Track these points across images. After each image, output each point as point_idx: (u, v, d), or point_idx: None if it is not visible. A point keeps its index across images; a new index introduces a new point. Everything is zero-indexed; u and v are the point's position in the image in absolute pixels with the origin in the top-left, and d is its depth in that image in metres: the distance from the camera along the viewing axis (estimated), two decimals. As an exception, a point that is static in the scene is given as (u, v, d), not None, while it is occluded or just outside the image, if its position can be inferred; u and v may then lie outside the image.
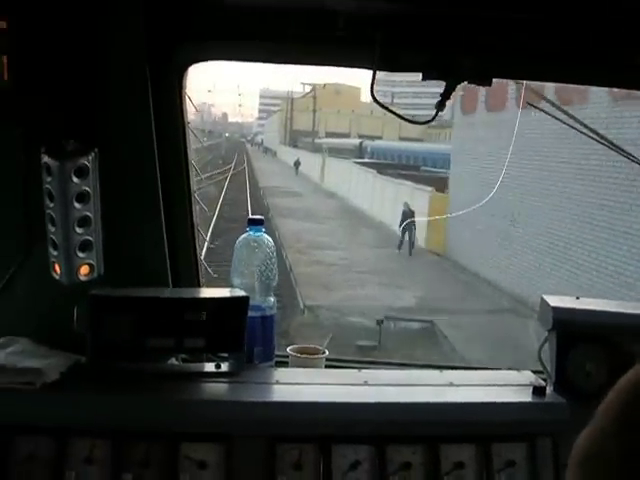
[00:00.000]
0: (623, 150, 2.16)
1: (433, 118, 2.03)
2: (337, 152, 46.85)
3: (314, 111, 58.14)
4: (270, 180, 39.12)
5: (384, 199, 25.20)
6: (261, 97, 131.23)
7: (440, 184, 22.51)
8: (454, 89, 1.95)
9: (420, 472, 1.96)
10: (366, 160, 40.18)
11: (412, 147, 44.90)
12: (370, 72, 1.96)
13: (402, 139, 51.33)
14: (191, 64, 2.11)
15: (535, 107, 2.12)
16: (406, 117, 2.13)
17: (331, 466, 1.91)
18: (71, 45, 1.93)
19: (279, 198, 29.65)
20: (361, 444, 1.95)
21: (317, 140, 55.84)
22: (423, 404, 2.01)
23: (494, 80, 2.01)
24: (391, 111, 2.11)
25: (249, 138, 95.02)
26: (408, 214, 19.11)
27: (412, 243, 19.41)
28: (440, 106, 1.97)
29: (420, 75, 1.97)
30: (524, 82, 2.19)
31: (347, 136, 55.83)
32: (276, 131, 75.19)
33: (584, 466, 0.88)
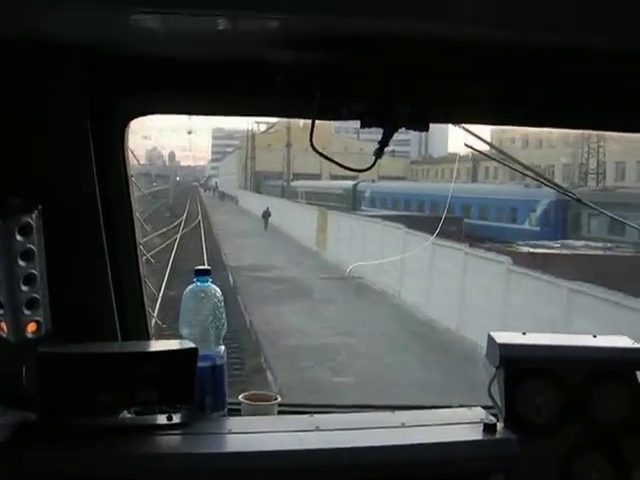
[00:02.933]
0: (558, 185, 2.22)
1: (373, 164, 2.07)
2: (318, 198, 39.00)
3: (288, 146, 49.98)
4: (240, 249, 27.18)
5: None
6: (214, 137, 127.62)
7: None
8: (392, 135, 1.99)
9: None
10: (384, 212, 30.36)
11: (438, 191, 31.15)
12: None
13: (382, 178, 43.13)
14: (132, 118, 2.13)
15: (473, 149, 2.18)
16: (344, 164, 2.16)
17: None
18: (11, 101, 1.94)
19: (270, 305, 18.30)
20: None
21: (293, 183, 48.54)
22: (377, 448, 2.02)
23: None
24: (328, 158, 2.14)
25: (202, 182, 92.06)
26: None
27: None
28: (379, 153, 2.01)
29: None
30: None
31: (318, 177, 48.57)
32: (234, 173, 69.30)
33: None
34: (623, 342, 2.34)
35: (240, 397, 2.26)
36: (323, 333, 15.83)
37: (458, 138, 2.21)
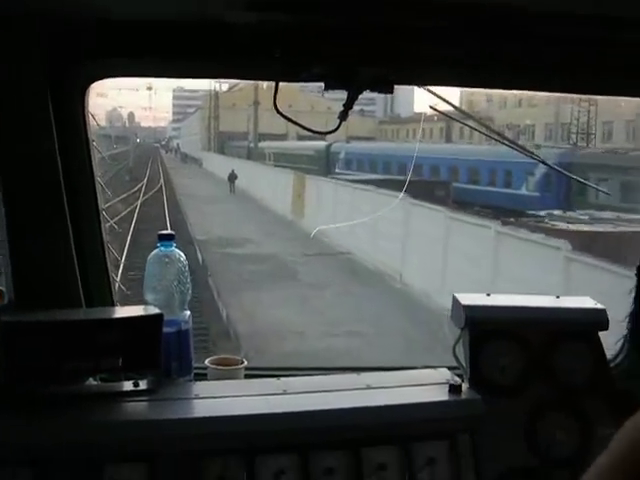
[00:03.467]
0: (524, 148, 2.22)
1: (338, 127, 2.06)
2: (287, 160, 36.58)
3: (255, 104, 46.47)
4: (208, 218, 24.62)
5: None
6: (175, 97, 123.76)
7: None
8: (357, 98, 1.98)
9: (343, 476, 1.99)
10: (364, 176, 27.81)
11: (421, 152, 24.57)
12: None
13: (351, 138, 40.14)
14: (92, 82, 2.09)
15: (438, 111, 2.17)
16: (310, 126, 2.15)
17: (255, 477, 1.93)
18: None
19: (250, 292, 14.97)
20: (284, 453, 1.97)
21: (261, 144, 45.53)
22: (343, 410, 2.03)
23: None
24: (293, 121, 2.12)
25: (163, 143, 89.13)
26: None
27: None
28: (344, 115, 2.00)
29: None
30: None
31: (284, 138, 45.16)
32: (196, 134, 67.16)
33: None
34: (586, 303, 2.37)
35: (206, 362, 2.26)
36: (321, 331, 12.81)
37: (424, 97, 2.18)
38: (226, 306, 13.99)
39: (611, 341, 2.41)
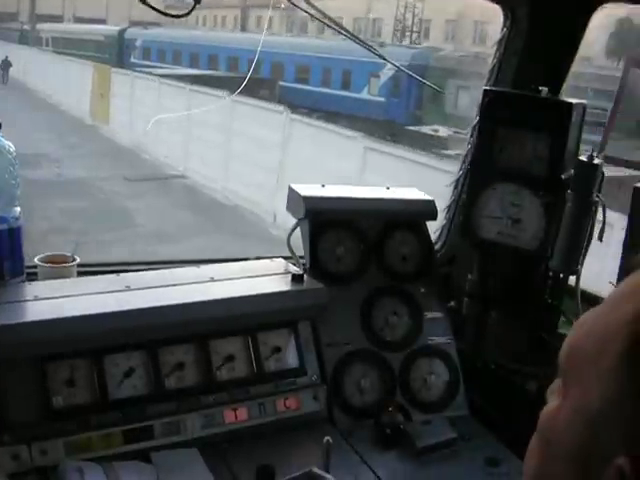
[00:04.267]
0: (366, 44, 2.23)
1: (192, 9, 1.93)
2: (70, 46, 31.31)
3: None
4: None
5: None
6: None
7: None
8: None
9: (193, 370, 1.99)
10: (169, 70, 23.91)
11: (237, 43, 25.06)
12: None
13: (134, 24, 35.08)
14: None
15: (293, 4, 2.10)
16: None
17: (105, 377, 1.87)
18: None
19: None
20: (132, 351, 1.92)
21: (41, 27, 38.20)
22: (190, 304, 2.01)
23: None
24: None
25: None
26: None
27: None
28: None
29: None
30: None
31: (60, 20, 39.92)
32: None
33: None
34: (414, 194, 2.49)
35: (36, 260, 2.12)
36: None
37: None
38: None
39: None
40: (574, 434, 0.76)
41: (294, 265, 2.32)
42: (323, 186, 2.40)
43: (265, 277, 2.23)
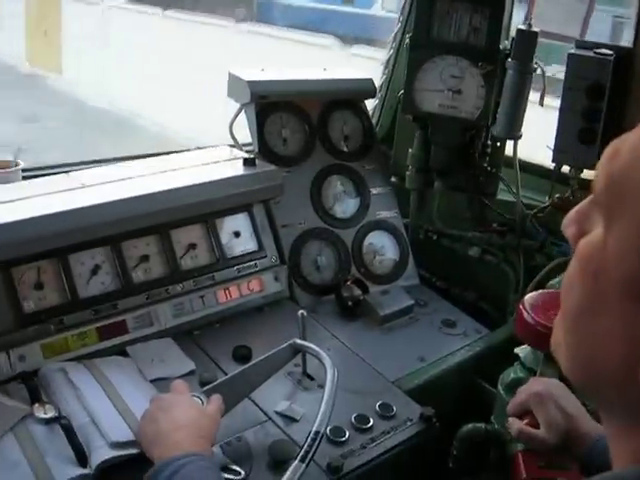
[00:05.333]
0: None
1: None
2: None
3: None
4: None
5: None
6: None
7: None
8: None
9: (158, 261, 1.99)
10: None
11: None
12: None
13: None
14: None
15: None
16: None
17: (73, 277, 1.85)
18: None
19: None
20: (97, 247, 1.90)
21: None
22: (148, 195, 1.97)
23: None
24: None
25: None
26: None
27: None
28: None
29: None
30: None
31: None
32: None
33: None
34: (351, 74, 2.50)
35: (-23, 166, 2.03)
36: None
37: None
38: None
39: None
40: (625, 265, 0.71)
41: (246, 151, 2.31)
42: (262, 70, 2.38)
43: (215, 164, 2.21)
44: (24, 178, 2.09)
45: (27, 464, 1.43)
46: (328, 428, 1.58)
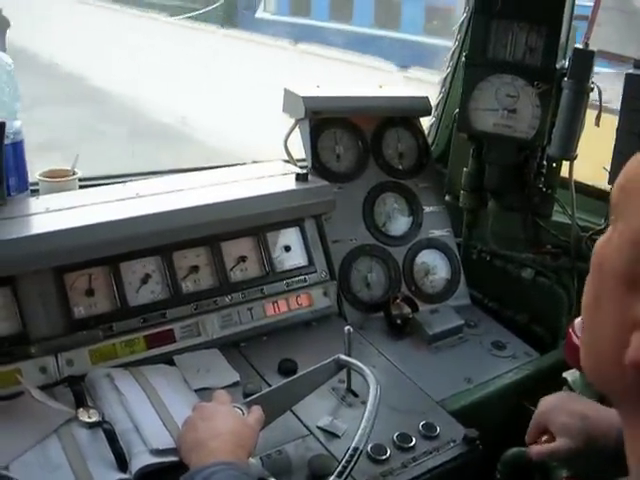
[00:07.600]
0: None
1: None
2: None
3: None
4: None
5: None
6: None
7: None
8: None
9: (207, 272, 2.01)
10: None
11: None
12: None
13: None
14: None
15: None
16: None
17: (123, 285, 1.88)
18: None
19: None
20: (148, 257, 1.93)
21: None
22: (200, 207, 2.00)
23: None
24: None
25: None
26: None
27: None
28: None
29: None
30: None
31: None
32: None
33: None
34: (406, 92, 2.50)
35: (37, 175, 2.08)
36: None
37: None
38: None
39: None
40: (622, 255, 0.81)
41: (300, 167, 2.33)
42: (318, 87, 2.39)
43: (269, 178, 2.23)
44: (81, 187, 2.14)
45: (69, 467, 1.46)
46: (369, 445, 1.57)
